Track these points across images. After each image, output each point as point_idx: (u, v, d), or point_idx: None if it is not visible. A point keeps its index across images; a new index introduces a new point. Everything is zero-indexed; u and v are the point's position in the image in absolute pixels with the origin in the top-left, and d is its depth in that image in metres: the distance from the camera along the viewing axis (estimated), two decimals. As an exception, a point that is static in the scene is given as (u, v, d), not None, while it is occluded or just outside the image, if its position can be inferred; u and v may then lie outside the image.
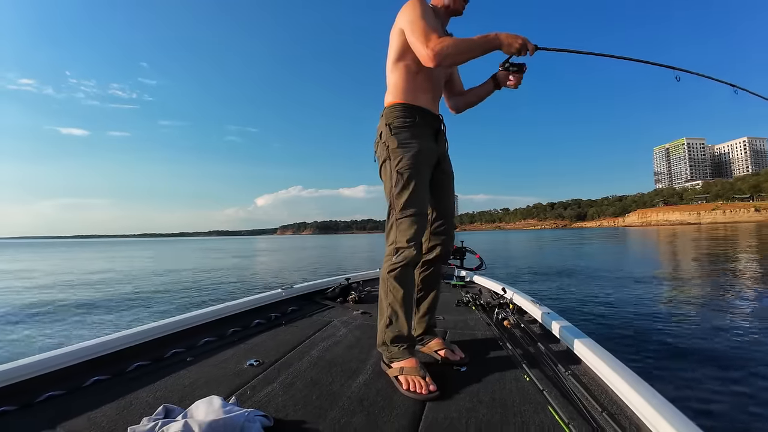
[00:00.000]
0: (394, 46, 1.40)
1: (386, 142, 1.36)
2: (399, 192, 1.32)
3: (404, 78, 1.40)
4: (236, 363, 1.34)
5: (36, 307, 5.51)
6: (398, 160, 1.33)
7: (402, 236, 1.30)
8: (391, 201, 1.34)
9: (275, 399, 1.07)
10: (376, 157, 1.43)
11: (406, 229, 1.30)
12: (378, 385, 1.15)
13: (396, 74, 1.41)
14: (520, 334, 1.57)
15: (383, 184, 1.40)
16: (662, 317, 3.80)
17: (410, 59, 1.38)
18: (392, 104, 1.39)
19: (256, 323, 1.82)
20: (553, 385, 1.12)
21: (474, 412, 0.99)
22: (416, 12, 1.30)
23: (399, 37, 1.37)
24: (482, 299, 2.16)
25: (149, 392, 1.11)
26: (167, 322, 1.56)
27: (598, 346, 1.23)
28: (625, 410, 0.96)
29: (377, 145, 1.41)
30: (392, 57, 1.41)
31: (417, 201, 1.32)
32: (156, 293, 6.75)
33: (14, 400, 1.03)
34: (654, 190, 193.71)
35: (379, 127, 1.41)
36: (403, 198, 1.31)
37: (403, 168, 1.32)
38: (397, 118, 1.36)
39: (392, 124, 1.36)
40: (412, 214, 1.30)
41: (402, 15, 1.35)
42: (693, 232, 34.88)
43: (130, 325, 1.40)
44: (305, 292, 2.42)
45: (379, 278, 1.36)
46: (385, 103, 1.42)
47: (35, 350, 3.31)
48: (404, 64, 1.40)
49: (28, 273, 11.60)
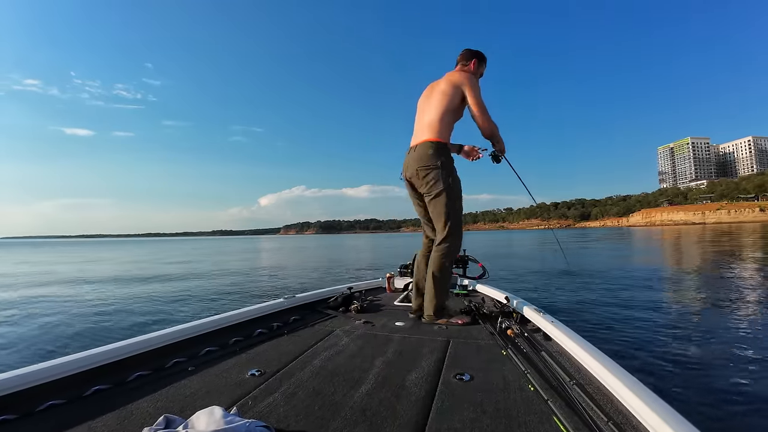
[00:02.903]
0: (454, 102, 1.98)
1: (449, 170, 1.95)
2: (459, 208, 1.98)
3: (450, 126, 2.02)
4: (238, 373, 1.33)
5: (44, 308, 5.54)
6: (458, 184, 1.98)
7: (460, 241, 1.99)
8: (449, 212, 1.93)
9: (277, 409, 1.06)
10: (431, 179, 1.94)
11: (461, 236, 1.99)
12: (381, 395, 1.14)
13: (446, 121, 1.99)
14: (523, 343, 1.55)
15: (439, 198, 1.93)
16: (669, 324, 3.75)
17: (458, 116, 2.05)
18: (443, 143, 1.97)
19: (258, 332, 1.81)
20: (557, 395, 1.10)
21: (478, 422, 0.98)
22: (478, 90, 1.97)
23: (458, 97, 1.98)
24: (485, 308, 2.14)
25: (150, 402, 1.10)
26: (169, 332, 1.56)
27: (603, 355, 1.22)
28: (631, 420, 0.95)
29: (432, 170, 1.93)
30: (447, 107, 1.98)
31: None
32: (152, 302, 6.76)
33: (15, 408, 1.03)
34: (658, 189, 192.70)
35: (431, 156, 1.93)
36: (460, 213, 2.00)
37: (460, 191, 1.98)
38: (449, 154, 2.00)
39: (448, 157, 1.99)
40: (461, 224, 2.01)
41: (465, 84, 1.96)
42: (698, 232, 34.65)
43: (131, 334, 1.41)
44: (307, 301, 2.42)
45: (434, 262, 1.96)
46: (436, 139, 1.95)
47: (36, 359, 3.33)
48: (455, 116, 2.03)
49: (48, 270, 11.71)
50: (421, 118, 2.10)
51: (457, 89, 1.98)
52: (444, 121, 1.99)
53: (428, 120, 2.03)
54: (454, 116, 2.04)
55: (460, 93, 1.98)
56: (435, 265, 1.96)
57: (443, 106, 1.99)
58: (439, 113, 1.98)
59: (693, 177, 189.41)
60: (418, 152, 2.00)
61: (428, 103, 2.07)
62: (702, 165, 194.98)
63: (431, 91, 2.10)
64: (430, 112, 2.02)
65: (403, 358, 1.45)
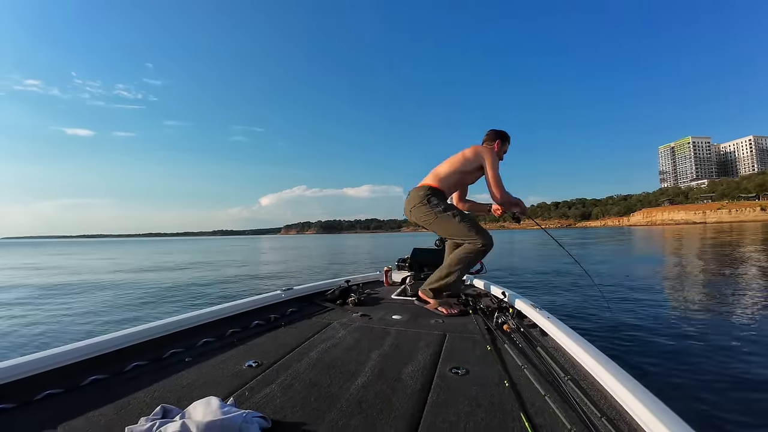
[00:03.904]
0: (469, 165, 2.24)
1: (438, 203, 2.21)
2: (463, 217, 2.20)
3: (456, 185, 2.33)
4: (235, 364, 1.33)
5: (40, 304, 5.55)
6: (451, 207, 2.23)
7: (487, 237, 2.17)
8: (456, 226, 2.17)
9: (273, 400, 1.06)
10: (422, 213, 2.22)
11: (486, 233, 2.17)
12: (376, 387, 1.15)
13: (454, 178, 2.28)
14: (519, 339, 1.56)
15: (438, 222, 2.19)
16: (663, 321, 3.76)
17: (469, 179, 2.34)
18: (439, 190, 2.25)
19: (255, 324, 1.82)
20: (552, 390, 1.11)
21: (473, 416, 0.98)
22: (497, 166, 2.22)
23: (476, 163, 2.23)
24: (482, 303, 2.14)
25: (147, 392, 1.11)
26: (166, 322, 1.56)
27: (598, 351, 1.22)
28: (624, 415, 0.95)
29: (422, 206, 2.21)
30: (460, 168, 2.25)
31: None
32: (158, 293, 6.78)
33: (13, 397, 1.04)
34: (659, 189, 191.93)
35: (421, 196, 2.22)
36: (468, 220, 2.21)
37: (456, 209, 2.24)
38: (443, 198, 2.27)
39: (441, 199, 2.25)
40: (477, 225, 2.24)
41: (487, 158, 2.20)
42: (698, 231, 34.56)
43: (129, 324, 1.41)
44: (305, 293, 2.43)
45: (461, 248, 2.16)
46: (433, 185, 2.25)
47: (34, 348, 3.34)
48: (466, 178, 2.32)
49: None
50: (434, 168, 2.35)
51: (477, 157, 2.23)
52: (451, 177, 2.27)
53: (436, 170, 2.31)
54: (464, 177, 2.30)
55: (479, 162, 2.23)
56: (460, 250, 2.17)
57: (458, 164, 2.26)
58: (451, 169, 2.26)
59: (694, 176, 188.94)
60: (412, 195, 2.29)
61: (447, 160, 2.33)
62: (703, 164, 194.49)
63: (457, 153, 2.34)
64: (443, 166, 2.30)
65: (399, 352, 1.46)
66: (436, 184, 2.26)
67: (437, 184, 2.26)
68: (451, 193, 2.36)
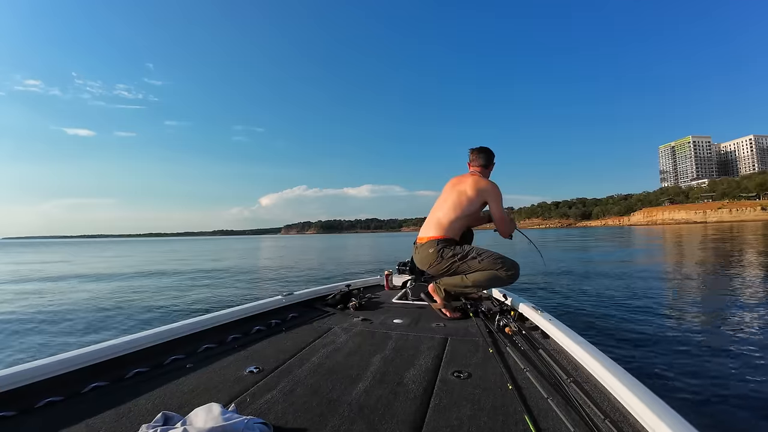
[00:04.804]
0: (473, 208, 2.17)
1: (451, 247, 2.14)
2: (485, 254, 2.12)
3: (462, 228, 2.22)
4: (236, 370, 1.33)
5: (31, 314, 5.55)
6: (473, 253, 2.12)
7: (515, 268, 2.14)
8: (479, 264, 2.08)
9: (275, 406, 1.06)
10: (443, 267, 2.14)
11: (512, 262, 2.13)
12: (378, 392, 1.14)
13: (459, 224, 2.19)
14: (521, 341, 1.56)
15: (464, 265, 2.10)
16: (667, 322, 3.75)
17: (474, 221, 2.31)
18: (449, 238, 2.16)
19: (256, 330, 1.81)
20: (555, 392, 1.11)
21: (475, 419, 0.98)
22: (501, 201, 2.19)
23: (479, 203, 2.17)
24: (483, 306, 2.14)
25: (148, 399, 1.11)
26: (167, 329, 1.56)
27: (601, 353, 1.22)
28: (628, 417, 0.95)
29: (439, 262, 2.13)
30: (465, 212, 2.16)
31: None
32: (153, 299, 6.77)
33: (13, 405, 1.04)
34: (660, 188, 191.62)
35: (431, 254, 2.14)
36: (492, 256, 2.12)
37: (476, 252, 2.12)
38: (453, 243, 2.17)
39: (452, 244, 2.16)
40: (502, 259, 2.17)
41: (491, 196, 2.16)
42: (699, 231, 34.54)
43: (129, 331, 1.40)
44: (305, 298, 2.42)
45: (491, 273, 2.06)
46: (441, 236, 2.15)
47: (34, 356, 3.34)
48: (471, 221, 2.27)
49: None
50: (435, 212, 2.27)
51: (480, 196, 2.16)
52: (456, 224, 2.17)
53: (439, 219, 2.20)
54: (470, 220, 2.24)
55: (482, 199, 2.17)
56: (490, 273, 2.08)
57: (462, 208, 2.16)
58: (455, 215, 2.17)
59: (694, 176, 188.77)
60: (422, 252, 2.21)
61: (447, 200, 2.23)
62: (703, 164, 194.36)
63: (455, 186, 2.25)
64: (447, 213, 2.19)
65: (400, 356, 1.45)
66: (443, 235, 2.16)
67: (445, 235, 2.16)
68: (459, 235, 2.25)
